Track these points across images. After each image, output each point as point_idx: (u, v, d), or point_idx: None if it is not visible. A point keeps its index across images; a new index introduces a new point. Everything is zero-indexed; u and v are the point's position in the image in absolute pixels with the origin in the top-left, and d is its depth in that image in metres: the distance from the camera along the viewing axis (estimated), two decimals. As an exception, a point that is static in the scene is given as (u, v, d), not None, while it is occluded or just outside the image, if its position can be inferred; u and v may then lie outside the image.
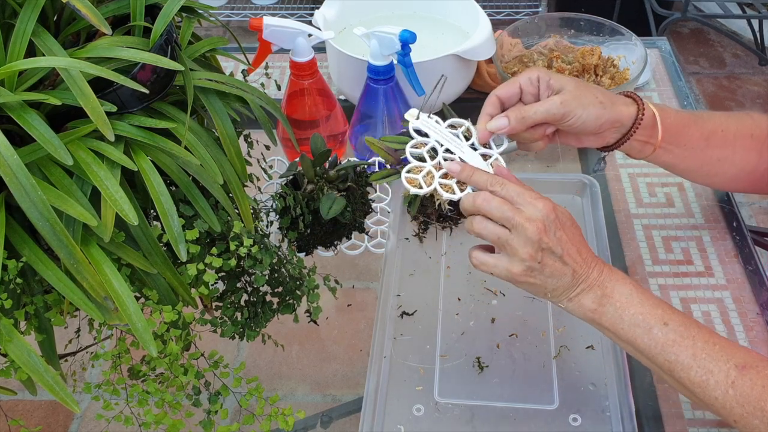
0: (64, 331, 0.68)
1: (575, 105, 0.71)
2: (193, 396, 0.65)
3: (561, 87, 0.72)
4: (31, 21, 0.54)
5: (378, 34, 0.91)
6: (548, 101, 0.71)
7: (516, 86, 0.73)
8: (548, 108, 0.71)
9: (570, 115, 0.71)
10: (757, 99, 2.48)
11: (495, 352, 0.82)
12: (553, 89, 0.73)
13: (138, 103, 0.58)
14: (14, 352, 0.50)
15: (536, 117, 0.71)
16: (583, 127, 0.73)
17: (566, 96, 0.71)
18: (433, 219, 0.96)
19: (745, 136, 0.80)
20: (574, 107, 0.71)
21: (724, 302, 0.85)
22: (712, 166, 0.81)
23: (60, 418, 0.83)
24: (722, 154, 0.80)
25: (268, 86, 1.22)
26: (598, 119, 0.72)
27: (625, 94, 0.77)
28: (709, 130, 0.79)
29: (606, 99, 0.73)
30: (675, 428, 0.74)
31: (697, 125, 0.79)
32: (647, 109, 0.75)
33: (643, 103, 0.75)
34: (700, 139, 0.79)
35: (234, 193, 0.63)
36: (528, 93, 0.73)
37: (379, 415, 0.76)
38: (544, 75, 0.73)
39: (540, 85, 0.73)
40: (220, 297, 0.67)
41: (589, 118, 0.72)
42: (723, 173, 0.82)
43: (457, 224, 0.96)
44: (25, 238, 0.52)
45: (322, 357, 0.84)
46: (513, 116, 0.71)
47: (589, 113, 0.72)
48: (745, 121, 0.81)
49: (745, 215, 0.87)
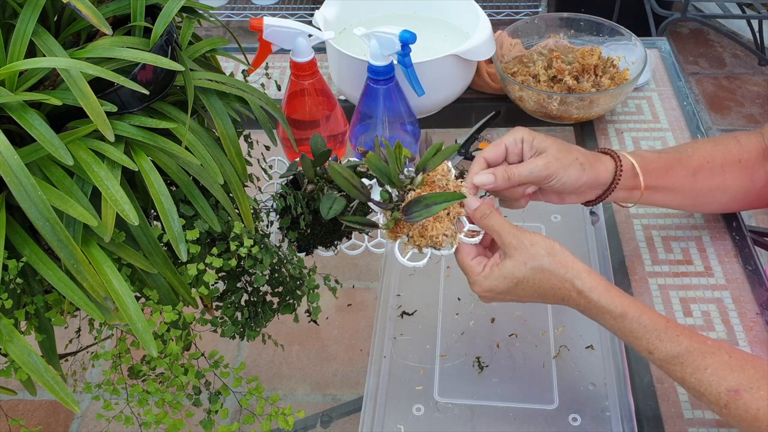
0: (65, 331, 0.68)
1: (557, 167, 0.73)
2: (194, 396, 0.65)
3: (544, 149, 0.74)
4: (32, 21, 0.54)
5: (378, 34, 0.91)
6: (532, 163, 0.74)
7: (502, 147, 0.75)
8: (531, 170, 0.73)
9: (552, 176, 0.74)
10: (757, 99, 2.49)
11: (495, 352, 0.82)
12: (536, 150, 0.75)
13: (138, 103, 0.58)
14: (14, 352, 0.50)
15: (520, 178, 0.73)
16: (564, 188, 0.75)
17: (549, 158, 0.73)
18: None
19: (732, 163, 0.81)
20: (556, 169, 0.73)
21: (723, 302, 0.85)
22: (704, 197, 0.83)
23: (60, 418, 0.83)
24: (712, 184, 0.81)
25: (268, 86, 1.22)
26: (578, 180, 0.75)
27: (601, 150, 0.79)
28: (694, 167, 0.80)
29: (586, 161, 0.75)
30: (675, 428, 0.74)
31: (681, 164, 0.80)
32: (624, 161, 0.77)
33: (619, 159, 0.77)
34: (687, 176, 0.80)
35: (234, 193, 0.63)
36: (513, 153, 0.76)
37: (379, 414, 0.76)
38: (528, 136, 0.75)
39: (524, 146, 0.75)
40: (220, 297, 0.67)
41: (569, 179, 0.74)
42: (717, 201, 0.84)
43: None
44: (25, 238, 0.52)
45: (322, 357, 0.84)
46: (499, 174, 0.73)
47: (570, 175, 0.74)
48: (731, 148, 0.82)
49: (744, 215, 0.87)
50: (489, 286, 0.68)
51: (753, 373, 0.62)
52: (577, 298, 0.66)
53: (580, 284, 0.66)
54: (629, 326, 0.65)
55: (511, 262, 0.67)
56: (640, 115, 1.14)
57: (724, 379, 0.61)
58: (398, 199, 0.68)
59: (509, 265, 0.67)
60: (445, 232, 0.68)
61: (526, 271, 0.66)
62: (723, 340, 0.79)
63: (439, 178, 0.69)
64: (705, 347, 0.63)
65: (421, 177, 0.69)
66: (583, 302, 0.66)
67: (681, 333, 0.64)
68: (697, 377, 0.62)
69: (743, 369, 0.62)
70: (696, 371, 0.62)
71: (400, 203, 0.68)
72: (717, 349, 0.63)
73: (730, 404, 0.61)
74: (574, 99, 1.04)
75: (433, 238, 0.67)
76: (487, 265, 0.69)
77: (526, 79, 1.10)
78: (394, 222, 0.68)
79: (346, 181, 0.67)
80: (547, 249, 0.67)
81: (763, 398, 0.60)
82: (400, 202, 0.68)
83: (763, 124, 0.85)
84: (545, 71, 1.10)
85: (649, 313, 0.65)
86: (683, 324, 0.68)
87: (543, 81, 1.09)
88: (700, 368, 0.62)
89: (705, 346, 0.63)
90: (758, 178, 0.81)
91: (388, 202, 0.68)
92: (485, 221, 0.68)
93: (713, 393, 0.62)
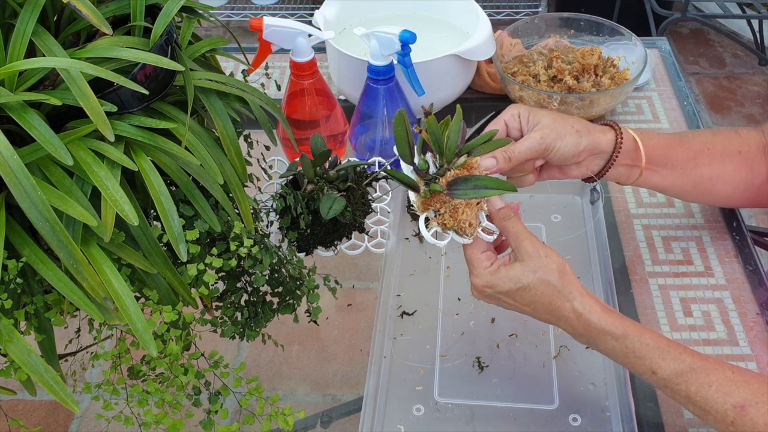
0: (64, 331, 0.68)
1: (553, 137, 0.74)
2: (193, 396, 0.65)
3: (538, 121, 0.75)
4: (32, 21, 0.54)
5: (378, 34, 0.91)
6: (529, 138, 0.74)
7: (501, 123, 0.76)
8: (530, 145, 0.73)
9: (550, 147, 0.74)
10: (757, 99, 2.48)
11: (495, 352, 0.82)
12: (532, 124, 0.75)
13: (138, 103, 0.58)
14: (14, 352, 0.50)
15: (520, 155, 0.73)
16: (563, 158, 0.75)
17: (544, 130, 0.74)
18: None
19: (732, 152, 0.81)
20: (552, 139, 0.74)
21: (723, 302, 0.85)
22: (705, 186, 0.82)
23: (60, 418, 0.83)
24: (713, 172, 0.81)
25: (268, 86, 1.22)
26: (576, 147, 0.75)
27: (603, 123, 0.80)
28: (695, 150, 0.81)
29: (582, 127, 0.75)
30: (675, 428, 0.74)
31: (682, 145, 0.81)
32: (626, 133, 0.77)
33: (620, 129, 0.77)
34: (687, 159, 0.80)
35: (234, 193, 0.63)
36: (513, 128, 0.76)
37: (379, 415, 0.76)
38: (524, 111, 0.76)
39: (521, 121, 0.76)
40: (220, 297, 0.67)
41: (567, 147, 0.74)
42: (717, 191, 0.83)
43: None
44: (25, 238, 0.52)
45: (322, 357, 0.84)
46: (500, 156, 0.73)
47: (566, 143, 0.74)
48: (731, 139, 0.82)
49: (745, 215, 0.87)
50: (491, 282, 0.68)
51: (757, 388, 0.61)
52: (574, 321, 0.66)
53: (580, 307, 0.65)
54: (631, 346, 0.64)
55: (522, 266, 0.67)
56: (640, 115, 1.14)
57: (729, 395, 0.61)
58: (437, 172, 0.68)
59: (519, 269, 0.67)
60: (472, 220, 0.68)
61: (533, 279, 0.66)
62: (719, 357, 0.79)
63: (476, 166, 0.69)
64: (708, 364, 0.63)
65: (464, 159, 0.68)
66: (580, 325, 0.66)
67: (683, 351, 0.64)
68: (702, 395, 0.62)
69: (747, 384, 0.61)
70: (701, 388, 0.62)
71: (437, 176, 0.68)
72: (720, 365, 0.63)
73: (736, 421, 0.60)
74: (574, 99, 1.04)
75: (461, 222, 0.67)
76: (495, 263, 0.69)
77: (526, 79, 1.10)
78: (430, 194, 0.68)
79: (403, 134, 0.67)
80: (558, 265, 0.67)
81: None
82: (439, 175, 0.68)
83: (763, 123, 0.85)
84: (545, 71, 1.10)
85: (649, 332, 0.65)
86: (679, 341, 0.67)
87: (543, 81, 1.09)
88: (704, 385, 0.62)
89: (708, 363, 0.63)
90: (758, 172, 0.81)
91: (425, 172, 0.68)
92: (505, 223, 0.68)
93: (719, 410, 0.61)
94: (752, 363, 0.79)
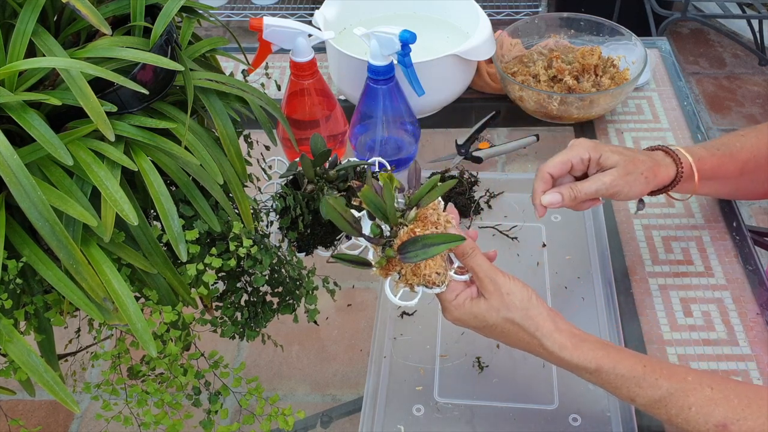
0: (64, 331, 0.68)
1: (622, 184, 0.76)
2: (193, 396, 0.65)
3: (610, 165, 0.76)
4: (32, 21, 0.54)
5: (378, 34, 0.91)
6: (598, 181, 0.76)
7: (568, 165, 0.77)
8: (597, 188, 0.76)
9: (618, 193, 0.76)
10: (757, 99, 2.48)
11: (495, 352, 0.82)
12: (602, 167, 0.77)
13: (138, 103, 0.58)
14: (14, 352, 0.50)
15: (587, 196, 0.76)
16: (627, 199, 0.78)
17: (615, 176, 0.75)
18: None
19: None
20: (621, 186, 0.76)
21: (723, 302, 0.85)
22: (747, 184, 0.86)
23: (60, 418, 0.83)
24: (756, 177, 0.84)
25: (268, 86, 1.22)
26: (642, 192, 0.78)
27: (658, 147, 0.81)
28: (743, 161, 0.83)
29: (650, 173, 0.77)
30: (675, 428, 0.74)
31: (732, 159, 0.83)
32: (684, 163, 0.79)
33: (680, 160, 0.79)
34: (736, 170, 0.83)
35: (234, 193, 0.63)
36: (577, 169, 0.78)
37: (379, 415, 0.76)
38: (594, 153, 0.77)
39: (590, 163, 0.77)
40: (220, 297, 0.67)
41: (634, 192, 0.77)
42: (755, 189, 0.87)
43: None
44: (25, 238, 0.52)
45: (322, 357, 0.84)
46: (566, 194, 0.75)
47: (634, 190, 0.77)
48: None
49: (745, 215, 0.87)
50: (458, 317, 0.67)
51: (737, 404, 0.61)
52: (547, 357, 0.66)
53: (549, 345, 0.64)
54: (606, 378, 0.63)
55: (486, 304, 0.65)
56: (640, 114, 1.14)
57: (710, 416, 0.60)
58: (390, 234, 0.66)
59: (483, 306, 0.65)
60: (438, 270, 0.65)
61: (497, 319, 0.65)
62: (706, 371, 0.78)
63: (430, 213, 0.66)
64: (686, 385, 0.62)
65: (414, 212, 0.66)
66: (554, 360, 0.65)
67: (660, 376, 0.62)
68: (683, 417, 0.61)
69: (727, 400, 0.61)
70: (681, 412, 0.61)
71: (392, 239, 0.65)
72: (698, 384, 0.62)
73: None
74: (574, 99, 1.04)
75: (426, 277, 0.65)
76: (461, 295, 0.67)
77: (526, 79, 1.10)
78: (386, 260, 0.66)
79: (339, 217, 0.64)
80: (522, 302, 0.65)
81: (751, 429, 0.59)
82: (392, 237, 0.65)
83: (763, 123, 0.86)
84: (545, 71, 1.10)
85: (624, 361, 0.63)
86: (659, 359, 0.65)
87: (543, 81, 1.09)
88: (684, 408, 0.61)
89: (686, 384, 0.62)
90: None
91: (379, 238, 0.66)
92: (466, 260, 0.66)
93: (702, 431, 0.61)
94: (752, 363, 0.79)
